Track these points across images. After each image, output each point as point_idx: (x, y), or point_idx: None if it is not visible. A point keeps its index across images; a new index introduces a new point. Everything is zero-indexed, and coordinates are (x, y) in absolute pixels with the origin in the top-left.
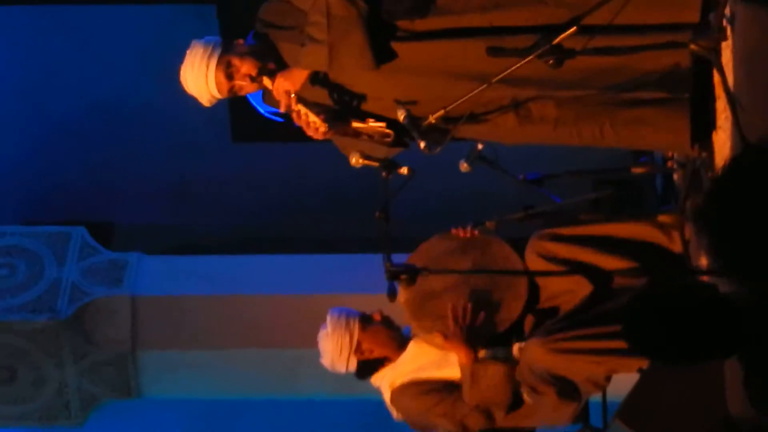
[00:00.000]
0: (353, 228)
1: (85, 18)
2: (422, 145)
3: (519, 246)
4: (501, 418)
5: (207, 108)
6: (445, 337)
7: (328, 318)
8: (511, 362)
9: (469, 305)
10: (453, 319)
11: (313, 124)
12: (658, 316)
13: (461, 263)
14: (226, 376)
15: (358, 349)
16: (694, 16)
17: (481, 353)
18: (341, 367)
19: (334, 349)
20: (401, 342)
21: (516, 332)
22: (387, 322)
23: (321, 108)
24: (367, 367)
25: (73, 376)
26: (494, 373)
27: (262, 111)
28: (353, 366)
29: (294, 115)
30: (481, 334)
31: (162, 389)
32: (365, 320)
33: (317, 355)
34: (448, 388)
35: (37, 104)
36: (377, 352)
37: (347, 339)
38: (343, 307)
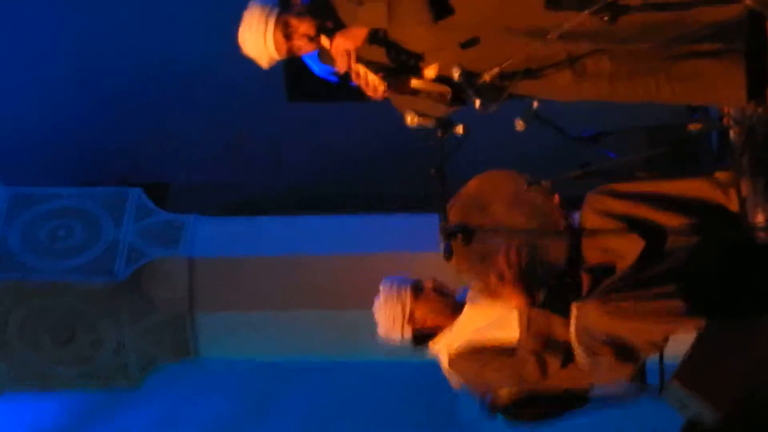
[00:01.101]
0: (410, 187)
1: None
2: (477, 104)
3: (576, 204)
4: (556, 370)
5: (261, 68)
6: (499, 279)
7: (381, 288)
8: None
9: (519, 247)
10: (505, 262)
11: (372, 83)
12: (717, 273)
13: (513, 216)
14: (283, 337)
15: (411, 319)
16: None
17: (537, 296)
18: (396, 337)
19: (387, 320)
20: (455, 308)
21: (573, 291)
22: (439, 290)
23: (379, 67)
24: (423, 336)
25: (130, 337)
26: (547, 319)
27: (316, 71)
28: (408, 335)
29: (353, 75)
30: (533, 276)
31: (219, 350)
32: (417, 289)
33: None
34: (505, 350)
35: (92, 67)
36: (431, 321)
37: (399, 309)
38: (396, 276)
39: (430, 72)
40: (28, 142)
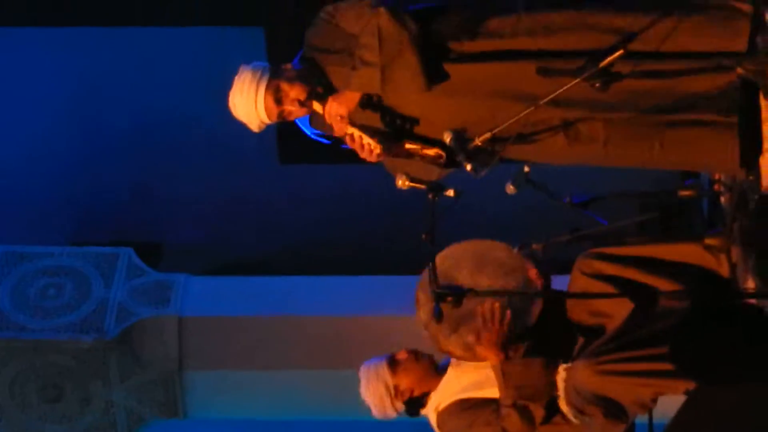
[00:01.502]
0: (400, 249)
1: (134, 39)
2: (468, 167)
3: (566, 268)
4: (540, 418)
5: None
6: (477, 339)
7: (361, 373)
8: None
9: (497, 307)
10: (482, 322)
11: (368, 147)
12: (706, 338)
13: (493, 282)
14: (273, 397)
15: (398, 392)
16: (742, 44)
17: (511, 353)
18: (391, 414)
19: (376, 401)
20: (436, 370)
21: (563, 353)
22: (414, 356)
23: (373, 130)
24: (415, 404)
25: (119, 395)
26: (524, 368)
27: (308, 133)
28: (401, 408)
29: (347, 139)
30: (510, 335)
31: (208, 410)
32: (392, 363)
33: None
34: (490, 403)
35: (86, 125)
36: (417, 389)
37: (383, 388)
38: (371, 359)
39: (431, 148)
40: (20, 200)
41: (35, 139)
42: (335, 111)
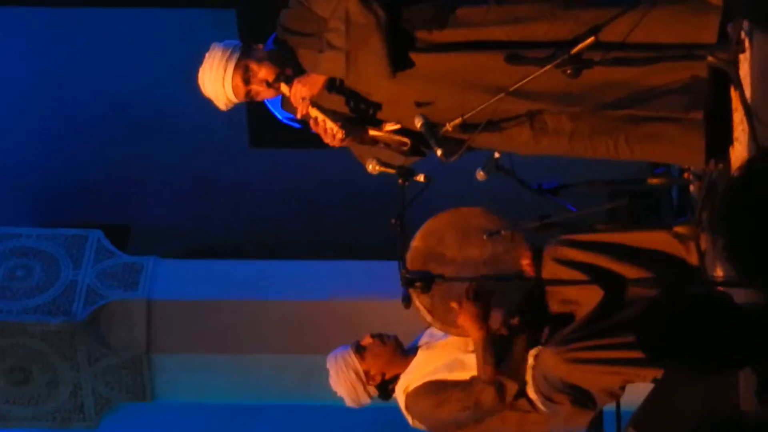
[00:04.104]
0: (370, 234)
1: (105, 20)
2: (439, 152)
3: (536, 255)
4: (512, 396)
5: (225, 113)
6: (459, 312)
7: (328, 364)
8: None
9: (474, 286)
10: (465, 296)
11: (330, 131)
12: (674, 326)
13: (467, 251)
14: (241, 380)
15: (369, 378)
16: (711, 36)
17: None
18: (365, 401)
19: (349, 389)
20: (404, 351)
21: (531, 338)
22: (380, 340)
23: (338, 115)
24: (387, 387)
25: (87, 378)
26: (504, 345)
27: (279, 117)
28: (374, 393)
29: (311, 122)
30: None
31: (176, 393)
32: (359, 349)
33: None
34: (460, 384)
35: (55, 106)
36: (387, 371)
37: (353, 375)
38: (334, 350)
39: (390, 126)
40: None
41: (4, 120)
42: (299, 93)
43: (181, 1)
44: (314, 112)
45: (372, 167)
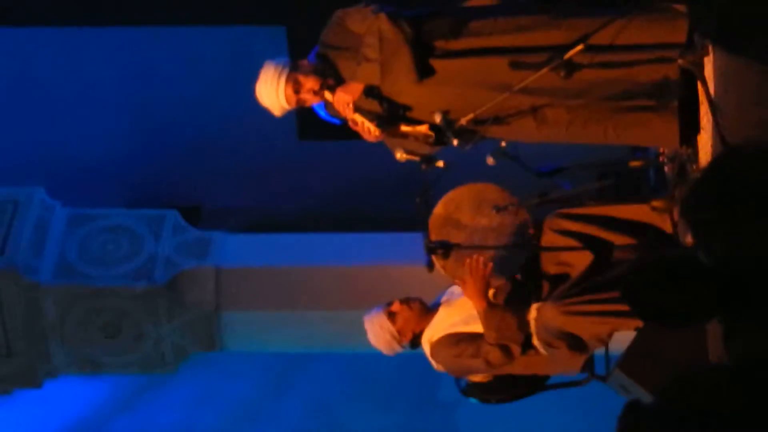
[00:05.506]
0: (400, 210)
1: (179, 37)
2: (455, 142)
3: (536, 226)
4: (518, 354)
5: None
6: (464, 286)
7: (366, 326)
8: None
9: (480, 259)
10: (468, 272)
11: (368, 129)
12: (652, 282)
13: (479, 219)
14: (295, 333)
15: (402, 335)
16: (681, 37)
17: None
18: (399, 351)
19: (386, 345)
20: (427, 310)
21: (534, 295)
22: (407, 305)
23: (374, 115)
24: (417, 340)
25: (167, 332)
26: (501, 315)
27: (322, 115)
28: (408, 344)
29: (351, 122)
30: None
31: (240, 344)
32: (390, 315)
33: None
34: (475, 337)
35: (141, 109)
36: (416, 328)
37: (388, 335)
38: (369, 311)
39: (422, 128)
40: (86, 170)
41: (100, 120)
42: (343, 99)
43: (240, 20)
44: (355, 115)
45: (400, 155)
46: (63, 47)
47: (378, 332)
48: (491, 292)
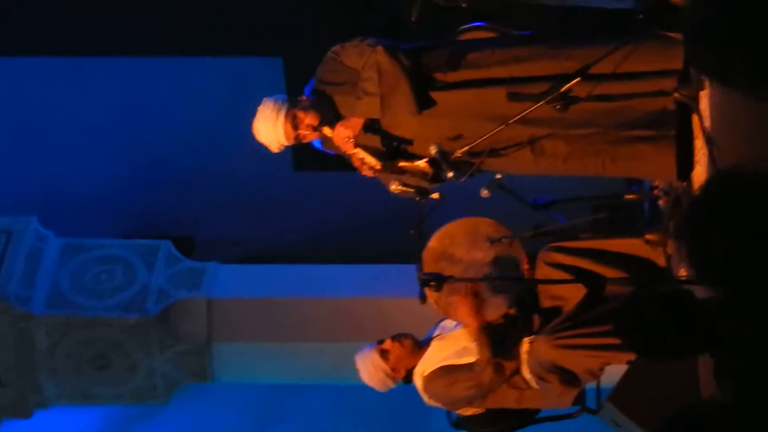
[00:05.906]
0: (393, 243)
1: (173, 68)
2: (450, 174)
3: (531, 259)
4: (510, 371)
5: None
6: (458, 306)
7: (358, 365)
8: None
9: (470, 286)
10: (464, 293)
11: (368, 164)
12: (644, 316)
13: (474, 253)
14: (286, 365)
15: (395, 372)
16: (678, 64)
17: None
18: (392, 386)
19: (380, 383)
20: (419, 345)
21: (526, 329)
22: (399, 342)
23: (373, 150)
24: (410, 375)
25: (159, 363)
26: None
27: (316, 146)
28: (400, 380)
29: (352, 156)
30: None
31: (232, 375)
32: (383, 353)
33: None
34: (467, 366)
35: (135, 139)
36: (409, 364)
37: (381, 373)
38: (361, 350)
39: (420, 163)
40: (80, 201)
41: (94, 153)
42: (343, 134)
43: (238, 51)
44: (355, 149)
45: (395, 187)
46: (57, 76)
47: (371, 371)
48: (474, 290)
